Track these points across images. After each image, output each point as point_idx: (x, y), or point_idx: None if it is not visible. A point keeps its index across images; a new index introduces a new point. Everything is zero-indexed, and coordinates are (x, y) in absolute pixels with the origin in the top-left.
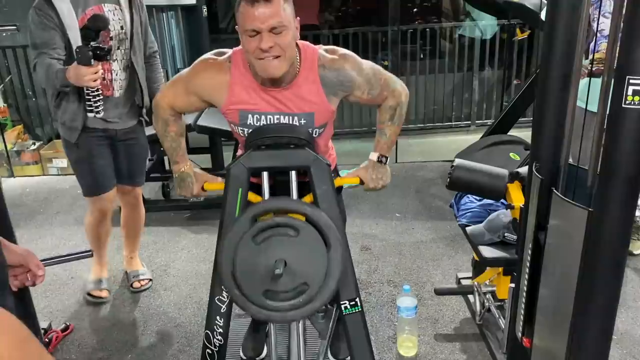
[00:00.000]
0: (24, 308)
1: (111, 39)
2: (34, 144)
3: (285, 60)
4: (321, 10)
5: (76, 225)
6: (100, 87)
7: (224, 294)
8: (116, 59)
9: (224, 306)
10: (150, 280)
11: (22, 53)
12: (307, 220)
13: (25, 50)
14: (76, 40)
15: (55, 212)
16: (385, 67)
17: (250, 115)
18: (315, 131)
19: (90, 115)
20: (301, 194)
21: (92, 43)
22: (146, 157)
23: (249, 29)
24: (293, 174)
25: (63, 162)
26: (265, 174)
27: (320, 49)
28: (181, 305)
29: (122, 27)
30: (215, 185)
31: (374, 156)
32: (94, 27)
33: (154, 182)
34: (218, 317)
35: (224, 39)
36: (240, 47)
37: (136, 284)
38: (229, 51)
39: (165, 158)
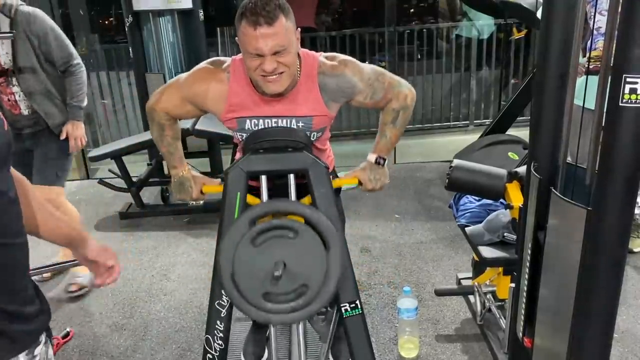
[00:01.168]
0: None
1: (6, 70)
2: None
3: (287, 75)
4: (318, 12)
5: None
6: None
7: (224, 298)
8: (15, 84)
9: (224, 310)
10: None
11: None
12: (306, 221)
13: None
14: None
15: None
16: (383, 69)
17: (248, 121)
18: (313, 134)
19: None
20: (300, 197)
21: None
22: (55, 159)
23: (252, 52)
24: (291, 177)
25: None
26: (263, 178)
27: (321, 56)
28: (181, 310)
29: (10, 60)
30: (214, 187)
31: (372, 157)
32: None
33: (153, 186)
34: (218, 322)
35: (222, 42)
36: (240, 56)
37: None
38: (227, 60)
39: (164, 163)
